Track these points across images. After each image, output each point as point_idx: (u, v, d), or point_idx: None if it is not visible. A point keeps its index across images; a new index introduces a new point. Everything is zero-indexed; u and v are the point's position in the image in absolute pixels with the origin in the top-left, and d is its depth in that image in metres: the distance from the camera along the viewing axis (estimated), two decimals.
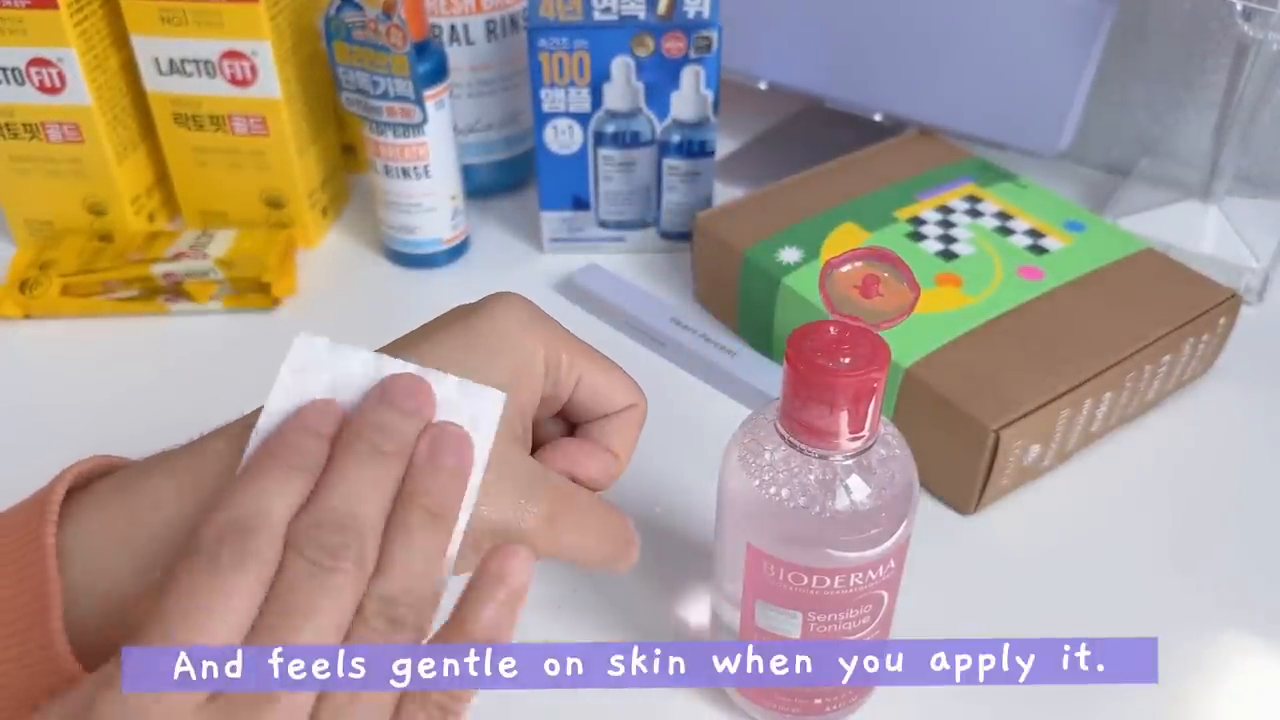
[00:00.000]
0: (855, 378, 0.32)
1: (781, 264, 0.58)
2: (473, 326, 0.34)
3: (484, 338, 0.34)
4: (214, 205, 0.70)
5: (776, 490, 0.35)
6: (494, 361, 0.33)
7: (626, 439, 0.37)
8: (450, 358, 0.33)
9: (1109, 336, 0.52)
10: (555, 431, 0.38)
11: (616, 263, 0.69)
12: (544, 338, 0.35)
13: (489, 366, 0.33)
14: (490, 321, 0.34)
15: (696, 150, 0.66)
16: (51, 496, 0.30)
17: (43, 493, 0.30)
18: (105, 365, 0.62)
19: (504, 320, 0.34)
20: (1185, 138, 0.74)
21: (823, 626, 0.37)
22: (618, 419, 0.37)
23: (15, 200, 0.69)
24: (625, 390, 0.37)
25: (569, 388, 0.36)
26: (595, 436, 0.37)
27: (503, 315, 0.34)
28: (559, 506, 0.33)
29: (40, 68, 0.62)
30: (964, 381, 0.50)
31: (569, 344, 0.35)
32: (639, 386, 0.38)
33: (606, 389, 0.36)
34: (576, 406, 0.36)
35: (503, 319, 0.34)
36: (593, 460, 0.36)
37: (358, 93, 0.63)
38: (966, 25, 0.67)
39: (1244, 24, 0.60)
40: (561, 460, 0.36)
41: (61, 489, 0.30)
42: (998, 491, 0.51)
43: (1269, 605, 0.47)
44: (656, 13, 0.61)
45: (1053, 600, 0.47)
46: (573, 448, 0.36)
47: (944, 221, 0.60)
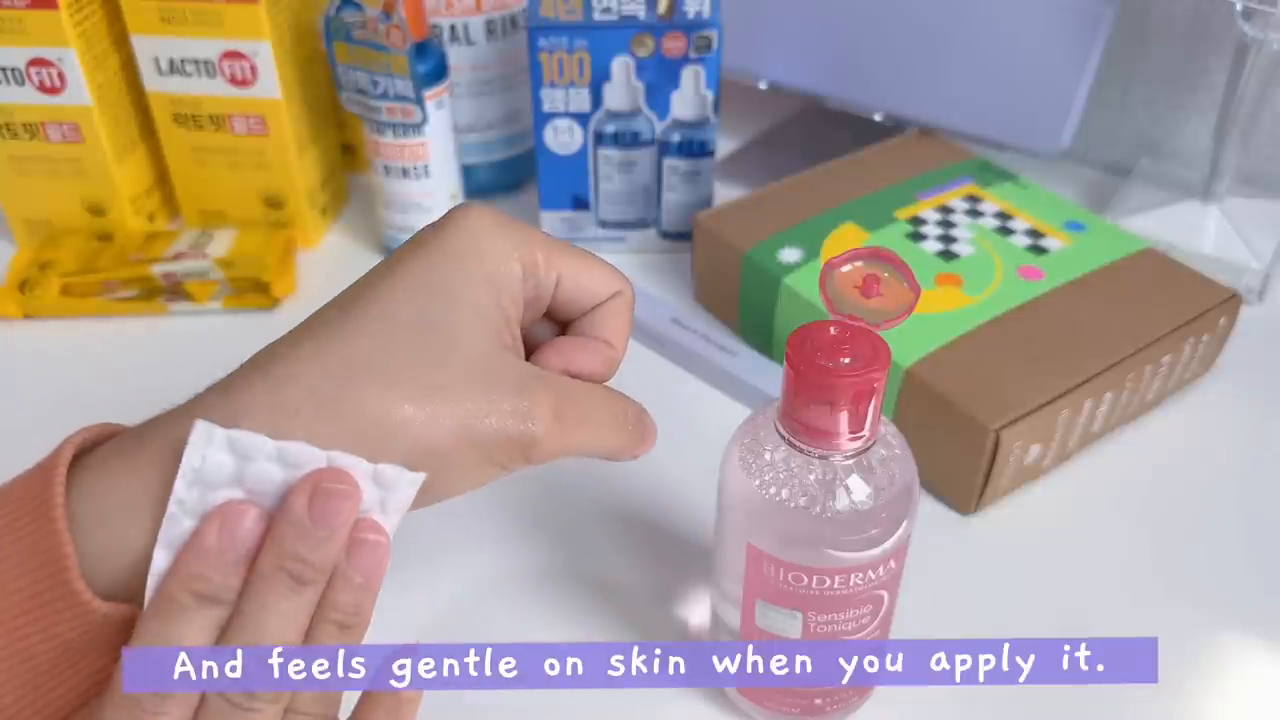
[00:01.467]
0: (855, 378, 0.32)
1: (781, 264, 0.58)
2: (443, 243, 0.33)
3: (454, 253, 0.33)
4: (214, 205, 0.70)
5: (777, 490, 0.35)
6: (469, 275, 0.33)
7: (619, 326, 0.37)
8: (424, 278, 0.32)
9: (1109, 336, 0.52)
10: (547, 333, 0.37)
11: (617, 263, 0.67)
12: (515, 241, 0.34)
13: (465, 281, 0.33)
14: (458, 235, 0.33)
15: (696, 150, 0.66)
16: (57, 463, 0.30)
17: (47, 461, 0.30)
18: (105, 365, 0.62)
19: (472, 231, 0.33)
20: (1185, 138, 0.74)
21: (823, 626, 0.37)
22: (606, 308, 0.36)
23: (15, 200, 0.69)
24: (608, 278, 0.36)
25: (550, 287, 0.35)
26: (587, 330, 0.36)
27: (470, 227, 0.34)
28: (563, 403, 0.33)
29: (40, 68, 0.62)
30: (964, 381, 0.50)
31: (543, 243, 0.35)
32: (621, 273, 0.37)
33: (588, 280, 0.36)
34: (562, 304, 0.36)
35: (470, 230, 0.33)
36: (589, 353, 0.36)
37: (358, 93, 0.63)
38: (967, 25, 0.67)
39: (1244, 24, 0.60)
40: (557, 359, 0.35)
41: (67, 454, 0.30)
42: (998, 491, 0.51)
43: (1269, 605, 0.47)
44: (656, 13, 0.61)
45: (1053, 600, 0.47)
46: (567, 345, 0.36)
47: (944, 221, 0.60)
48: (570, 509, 0.52)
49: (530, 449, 0.32)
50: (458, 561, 0.49)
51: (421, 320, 0.32)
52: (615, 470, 0.53)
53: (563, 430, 0.33)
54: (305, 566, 0.29)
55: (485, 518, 0.51)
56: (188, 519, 0.29)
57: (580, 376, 0.35)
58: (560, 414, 0.33)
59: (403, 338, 0.31)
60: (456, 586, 0.48)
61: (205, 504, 0.29)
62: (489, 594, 0.48)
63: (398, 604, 0.47)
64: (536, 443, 0.32)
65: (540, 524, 0.51)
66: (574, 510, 0.52)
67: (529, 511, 0.51)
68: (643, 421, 0.36)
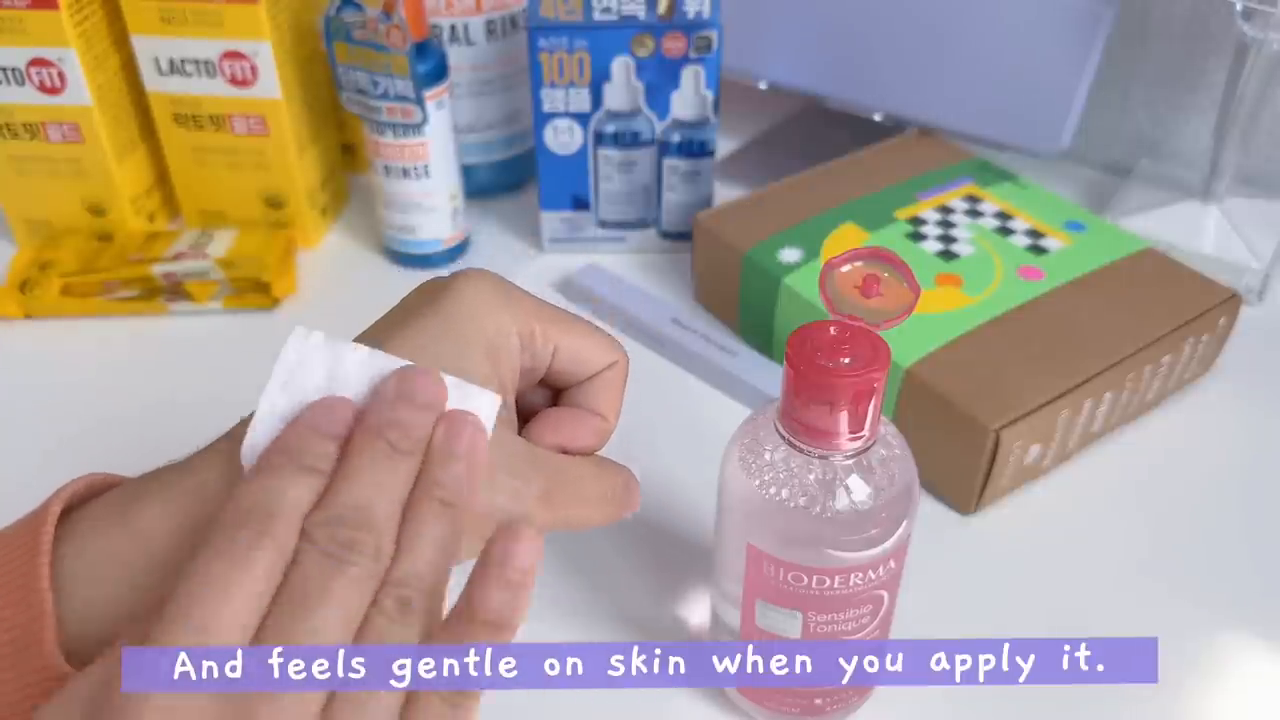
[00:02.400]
0: (855, 378, 0.32)
1: (781, 264, 0.58)
2: (443, 311, 0.33)
3: (455, 321, 0.33)
4: (214, 205, 0.70)
5: (777, 490, 0.35)
6: (468, 346, 0.33)
7: (612, 399, 0.37)
8: (424, 346, 0.33)
9: (1109, 336, 0.52)
10: (539, 401, 0.37)
11: (616, 263, 0.69)
12: (514, 313, 0.34)
13: (463, 352, 0.33)
14: (458, 304, 0.34)
15: (696, 150, 0.66)
16: (46, 518, 0.30)
17: (37, 514, 0.30)
18: (105, 365, 0.62)
19: (472, 301, 0.34)
20: (1185, 138, 0.74)
21: (823, 626, 0.37)
22: (600, 380, 0.37)
23: (15, 200, 0.69)
24: (603, 350, 0.37)
25: (546, 358, 0.35)
26: (580, 401, 0.37)
27: (471, 295, 0.34)
28: (553, 483, 0.33)
29: (40, 68, 0.62)
30: (964, 381, 0.50)
31: (541, 314, 0.35)
32: (617, 343, 0.37)
33: (584, 352, 0.36)
34: (557, 374, 0.36)
35: (470, 299, 0.34)
36: (582, 427, 0.36)
37: (358, 93, 0.63)
38: (967, 25, 0.67)
39: (1244, 24, 0.60)
40: (551, 434, 0.35)
41: (56, 509, 0.30)
42: (998, 491, 0.51)
43: (1269, 605, 0.47)
44: (656, 13, 0.61)
45: (1053, 600, 0.47)
46: (562, 418, 0.36)
47: (944, 221, 0.60)
48: None
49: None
50: None
51: None
52: None
53: (551, 509, 0.33)
54: (401, 433, 0.29)
55: None
56: (277, 423, 0.30)
57: (572, 450, 0.36)
58: (549, 495, 0.33)
59: None
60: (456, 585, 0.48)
61: (295, 408, 0.30)
62: None
63: None
64: (525, 520, 0.32)
65: None
66: None
67: None
68: (630, 490, 0.37)
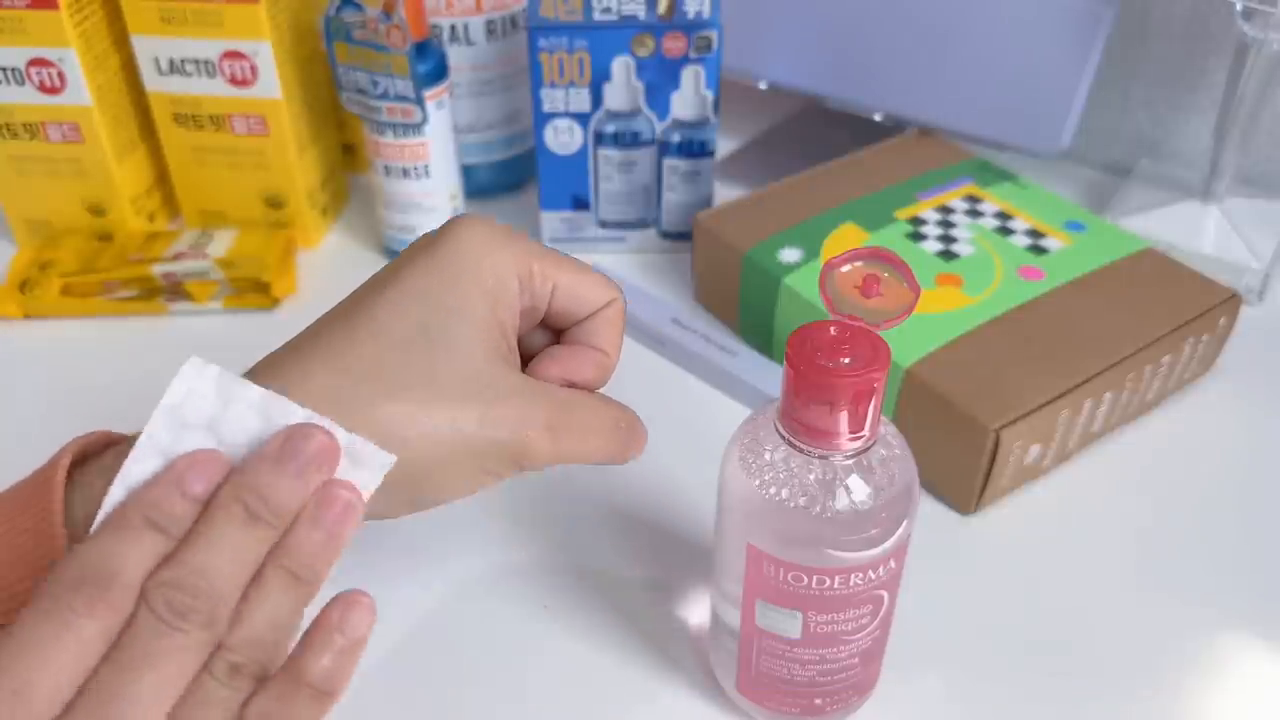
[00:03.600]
0: (855, 378, 0.32)
1: (781, 264, 0.58)
2: (439, 256, 0.34)
3: (452, 266, 0.34)
4: (214, 205, 0.71)
5: (777, 490, 0.35)
6: (466, 289, 0.34)
7: (612, 335, 0.38)
8: (423, 291, 0.33)
9: (1109, 336, 0.52)
10: (541, 342, 0.38)
11: (616, 263, 0.69)
12: (511, 254, 0.35)
13: (462, 295, 0.34)
14: (455, 248, 0.34)
15: (696, 150, 0.66)
16: (56, 470, 0.30)
17: (46, 467, 0.31)
18: (105, 365, 0.62)
19: (469, 244, 0.34)
20: (1185, 138, 0.74)
21: (823, 626, 0.37)
22: (599, 317, 0.37)
23: (15, 200, 0.69)
24: (602, 288, 0.37)
25: (545, 297, 0.36)
26: (582, 338, 0.37)
27: (467, 239, 0.34)
28: (556, 414, 0.34)
29: (40, 68, 0.62)
30: (964, 381, 0.50)
31: (537, 254, 0.36)
32: (614, 282, 0.38)
33: (583, 291, 0.37)
34: (557, 314, 0.37)
35: (467, 243, 0.34)
36: (584, 360, 0.37)
37: (358, 93, 0.63)
38: (967, 25, 0.67)
39: (1244, 24, 0.60)
40: (554, 368, 0.36)
41: (66, 461, 0.30)
42: (998, 491, 0.51)
43: (1269, 605, 0.47)
44: (656, 13, 0.61)
45: (1053, 600, 0.47)
46: (563, 354, 0.37)
47: (944, 221, 0.60)
48: (570, 509, 0.52)
49: (522, 458, 0.33)
50: (457, 560, 0.49)
51: (421, 333, 0.33)
52: (616, 470, 0.53)
53: (555, 439, 0.34)
54: (261, 502, 0.28)
55: (485, 517, 0.51)
56: (154, 458, 0.29)
57: (575, 385, 0.36)
58: (553, 424, 0.34)
59: (403, 349, 0.32)
60: (455, 585, 0.48)
61: (176, 446, 0.29)
62: (488, 593, 0.48)
63: (396, 600, 0.47)
64: (529, 452, 0.33)
65: (540, 523, 0.51)
66: (574, 510, 0.52)
67: (529, 511, 0.51)
68: (634, 428, 0.37)
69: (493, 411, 0.33)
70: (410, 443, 0.31)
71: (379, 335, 0.32)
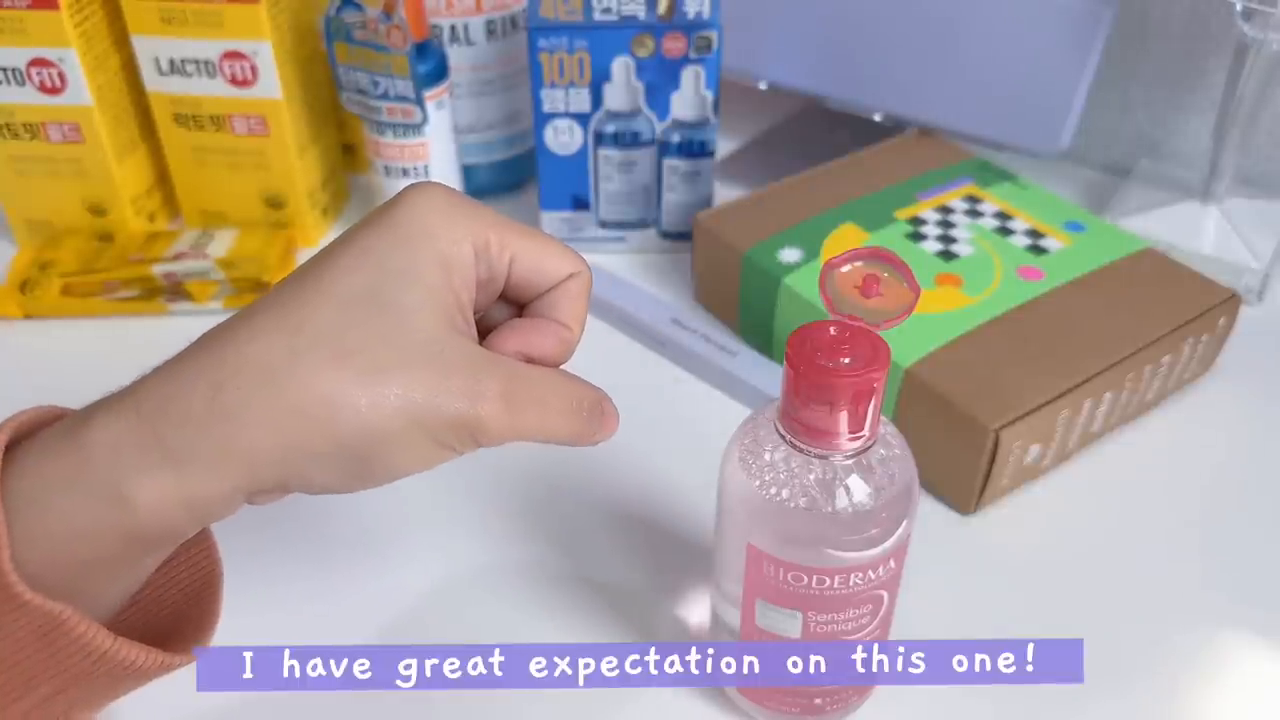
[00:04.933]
0: (855, 378, 0.32)
1: (781, 264, 0.58)
2: (394, 222, 0.33)
3: (406, 233, 0.33)
4: (214, 205, 0.71)
5: (777, 490, 0.35)
6: (420, 256, 0.32)
7: (575, 308, 0.36)
8: (376, 256, 0.32)
9: (1109, 336, 0.52)
10: (503, 317, 0.37)
11: (616, 263, 0.69)
12: (468, 223, 0.34)
13: (414, 258, 0.32)
14: (410, 214, 0.33)
15: (696, 150, 0.66)
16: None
17: None
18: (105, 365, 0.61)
19: (423, 210, 0.33)
20: (1185, 138, 0.74)
21: (823, 626, 0.37)
22: (561, 290, 0.36)
23: (15, 200, 0.69)
24: (564, 259, 0.36)
25: (504, 268, 0.35)
26: (544, 312, 0.36)
27: (423, 206, 0.33)
28: (512, 385, 0.32)
29: (40, 68, 0.62)
30: (964, 381, 0.50)
31: (495, 224, 0.34)
32: (579, 254, 0.37)
33: (543, 262, 0.35)
34: (517, 286, 0.36)
35: (422, 208, 0.33)
36: (544, 335, 0.35)
37: (358, 93, 0.63)
38: (966, 25, 0.67)
39: (1244, 24, 0.60)
40: (512, 341, 0.35)
41: (3, 439, 0.30)
42: (998, 491, 0.51)
43: (1269, 605, 0.47)
44: (656, 13, 0.61)
45: (1052, 600, 0.47)
46: (521, 326, 0.35)
47: (944, 222, 0.60)
48: (570, 509, 0.52)
49: (477, 431, 0.32)
50: (457, 561, 0.49)
51: (372, 298, 0.32)
52: (616, 470, 0.53)
53: (511, 413, 0.32)
54: None
55: (484, 517, 0.51)
56: None
57: (534, 359, 0.35)
58: (509, 397, 0.32)
59: (352, 315, 0.31)
60: (455, 586, 0.48)
61: None
62: (488, 594, 0.48)
63: (398, 603, 0.47)
64: (483, 425, 0.32)
65: (540, 524, 0.51)
66: (574, 510, 0.52)
67: (529, 511, 0.51)
68: (600, 408, 0.35)
69: (444, 381, 0.31)
70: (360, 411, 0.30)
71: (327, 297, 0.31)
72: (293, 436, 0.30)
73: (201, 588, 0.37)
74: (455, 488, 0.52)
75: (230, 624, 0.38)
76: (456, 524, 0.51)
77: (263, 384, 0.30)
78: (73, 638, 0.29)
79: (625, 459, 0.54)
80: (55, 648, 0.29)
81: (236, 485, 0.30)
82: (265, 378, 0.30)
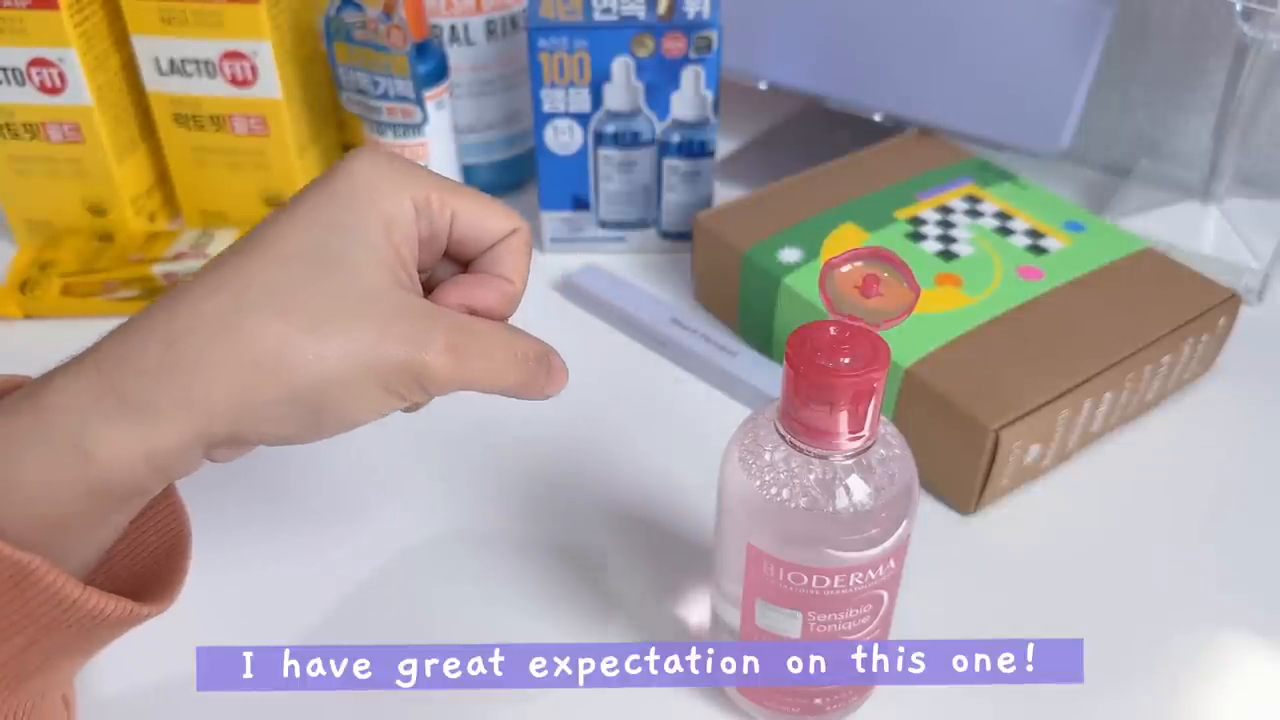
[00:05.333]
0: (855, 378, 0.32)
1: (781, 264, 0.58)
2: (334, 188, 0.34)
3: (347, 197, 0.34)
4: (214, 205, 0.71)
5: (777, 490, 0.35)
6: (362, 214, 0.34)
7: (518, 263, 0.38)
8: (319, 215, 0.33)
9: (1109, 336, 0.52)
10: (447, 275, 0.38)
11: (616, 263, 0.69)
12: (406, 181, 0.35)
13: (356, 216, 0.34)
14: (349, 179, 0.34)
15: (696, 150, 0.66)
16: None
17: None
18: None
19: (363, 175, 0.35)
20: (1185, 138, 0.74)
21: (823, 626, 0.37)
22: (503, 246, 0.38)
23: (15, 200, 0.69)
24: (503, 216, 0.37)
25: (445, 226, 0.36)
26: (487, 268, 0.37)
27: (361, 170, 0.35)
28: (456, 336, 0.34)
29: (40, 68, 0.62)
30: (964, 381, 0.50)
31: (435, 184, 0.36)
32: (516, 213, 0.38)
33: (483, 219, 0.37)
34: (459, 243, 0.37)
35: (361, 174, 0.35)
36: (486, 289, 0.37)
37: (358, 93, 0.63)
38: (966, 26, 0.67)
39: (1244, 24, 0.60)
40: (456, 294, 0.36)
41: None
42: (998, 491, 0.51)
43: (1269, 605, 0.47)
44: (656, 13, 0.61)
45: (1052, 600, 0.47)
46: (464, 280, 0.37)
47: (944, 222, 0.60)
48: (570, 508, 0.52)
49: (424, 378, 0.33)
50: (457, 561, 0.49)
51: (317, 253, 0.33)
52: (615, 470, 0.53)
53: (456, 361, 0.33)
54: None
55: (484, 516, 0.51)
56: None
57: (478, 312, 0.36)
58: (454, 346, 0.33)
59: (299, 271, 0.32)
60: (456, 587, 0.48)
61: None
62: (488, 594, 0.48)
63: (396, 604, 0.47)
64: (429, 372, 0.33)
65: (540, 523, 0.51)
66: (574, 510, 0.52)
67: (528, 511, 0.52)
68: (547, 361, 0.37)
69: (389, 329, 0.32)
70: (309, 360, 0.31)
71: (274, 257, 0.33)
72: (245, 386, 0.31)
73: (170, 548, 0.38)
74: (456, 487, 0.52)
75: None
76: (456, 523, 0.51)
77: (214, 336, 0.31)
78: (41, 587, 0.30)
79: (625, 459, 0.54)
80: (26, 598, 0.30)
81: (195, 434, 0.31)
82: (217, 331, 0.31)
